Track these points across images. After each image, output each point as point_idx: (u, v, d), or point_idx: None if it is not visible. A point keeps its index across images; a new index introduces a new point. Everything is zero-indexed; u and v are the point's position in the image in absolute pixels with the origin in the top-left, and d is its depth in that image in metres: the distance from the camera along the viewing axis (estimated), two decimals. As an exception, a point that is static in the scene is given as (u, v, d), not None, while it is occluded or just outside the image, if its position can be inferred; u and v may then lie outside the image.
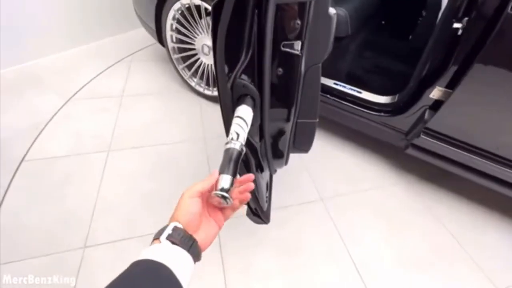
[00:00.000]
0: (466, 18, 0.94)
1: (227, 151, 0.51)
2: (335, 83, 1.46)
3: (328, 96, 1.43)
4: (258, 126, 0.65)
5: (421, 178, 1.47)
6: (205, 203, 0.47)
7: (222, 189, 0.45)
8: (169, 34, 1.73)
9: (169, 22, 1.67)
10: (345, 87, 1.44)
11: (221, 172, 0.47)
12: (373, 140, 1.48)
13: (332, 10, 0.56)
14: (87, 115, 1.70)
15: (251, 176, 0.48)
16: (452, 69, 1.02)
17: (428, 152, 1.22)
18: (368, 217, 1.29)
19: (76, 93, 1.86)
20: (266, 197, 0.91)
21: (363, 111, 1.37)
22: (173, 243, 0.39)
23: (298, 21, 0.50)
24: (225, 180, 0.46)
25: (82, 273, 1.01)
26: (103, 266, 1.04)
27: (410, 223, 1.28)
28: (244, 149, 0.50)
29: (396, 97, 1.34)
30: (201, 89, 1.85)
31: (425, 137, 1.18)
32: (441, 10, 1.33)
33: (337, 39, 1.48)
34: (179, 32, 1.70)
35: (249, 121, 0.50)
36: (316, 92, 0.67)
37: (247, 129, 0.51)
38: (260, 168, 0.77)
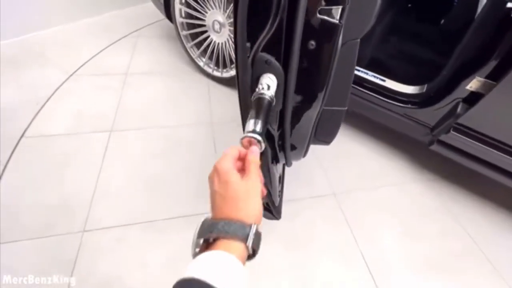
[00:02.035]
0: (525, -4, 0.80)
1: (258, 100, 0.43)
2: (356, 69, 1.33)
3: (348, 83, 1.31)
4: (278, 112, 0.55)
5: (442, 176, 1.36)
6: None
7: (254, 131, 0.37)
8: (177, 7, 1.60)
9: (178, -6, 1.54)
10: (367, 73, 1.31)
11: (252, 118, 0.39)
12: (394, 133, 1.37)
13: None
14: (90, 92, 1.62)
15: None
16: (498, 58, 0.89)
17: (456, 150, 1.11)
18: (382, 214, 1.21)
19: (79, 68, 1.77)
20: (279, 191, 0.82)
21: (385, 101, 1.25)
22: (253, 250, 0.33)
23: (342, -20, 0.39)
24: (257, 124, 0.38)
25: (80, 259, 0.97)
26: (102, 252, 0.99)
27: (427, 223, 1.20)
28: (274, 102, 0.43)
29: (425, 87, 1.21)
30: (209, 70, 1.74)
31: (455, 134, 1.07)
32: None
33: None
34: (188, 5, 1.57)
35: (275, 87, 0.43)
36: (349, 74, 0.56)
37: (275, 90, 0.45)
38: (275, 160, 0.68)
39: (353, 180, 1.32)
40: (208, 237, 0.31)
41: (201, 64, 1.76)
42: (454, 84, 1.04)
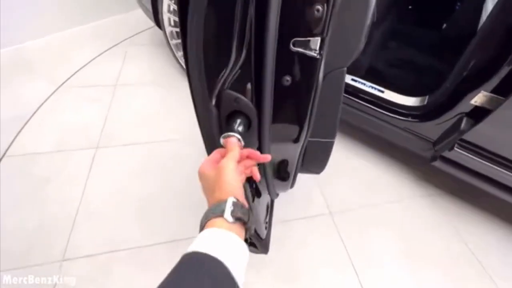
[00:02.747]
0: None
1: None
2: (352, 79, 1.26)
3: (344, 94, 1.23)
4: (256, 149, 0.49)
5: (445, 192, 1.29)
6: None
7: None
8: (166, 16, 1.54)
9: (166, 3, 1.47)
10: (364, 84, 1.24)
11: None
12: (393, 147, 1.29)
13: (369, -11, 0.37)
14: (77, 106, 1.56)
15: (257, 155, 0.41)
16: (507, 71, 0.81)
17: (461, 167, 1.04)
18: (382, 234, 1.13)
19: (66, 80, 1.72)
20: (266, 222, 0.76)
21: (384, 113, 1.17)
22: (238, 219, 0.36)
23: (319, 6, 0.32)
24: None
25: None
26: (82, 281, 0.93)
27: (430, 244, 1.12)
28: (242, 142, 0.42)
29: (426, 99, 1.14)
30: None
31: (460, 151, 0.99)
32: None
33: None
34: (177, 14, 1.50)
35: None
36: (336, 105, 0.49)
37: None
38: (257, 194, 0.62)
39: (351, 197, 1.24)
40: (202, 226, 0.37)
41: (192, 73, 1.70)
42: (458, 97, 0.97)
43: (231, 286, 0.31)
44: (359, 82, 1.25)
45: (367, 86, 1.23)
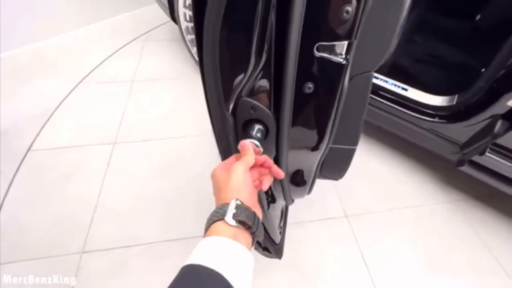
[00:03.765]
0: None
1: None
2: (374, 76, 1.19)
3: (365, 92, 1.17)
4: (273, 158, 0.46)
5: (469, 197, 1.21)
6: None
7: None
8: (182, 11, 1.52)
9: (182, -2, 1.45)
10: (387, 82, 1.17)
11: None
12: (417, 148, 1.22)
13: (405, -13, 0.33)
14: (96, 102, 1.60)
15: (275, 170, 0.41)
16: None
17: (492, 172, 0.96)
18: (400, 240, 1.09)
19: (85, 76, 1.76)
20: (280, 227, 0.74)
21: (408, 113, 1.11)
22: (240, 222, 0.34)
23: (348, 7, 0.29)
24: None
25: (78, 281, 0.95)
26: (101, 275, 0.97)
27: (453, 252, 1.06)
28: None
29: (455, 98, 1.06)
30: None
31: (493, 156, 0.91)
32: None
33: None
34: (192, 9, 1.48)
35: None
36: (361, 112, 0.46)
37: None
38: (272, 201, 0.60)
39: (369, 200, 1.20)
40: (206, 227, 0.36)
41: (207, 69, 1.68)
42: (493, 98, 0.89)
43: None
44: (380, 79, 1.18)
45: (389, 84, 1.16)
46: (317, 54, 0.32)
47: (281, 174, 0.40)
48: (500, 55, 0.86)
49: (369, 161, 1.32)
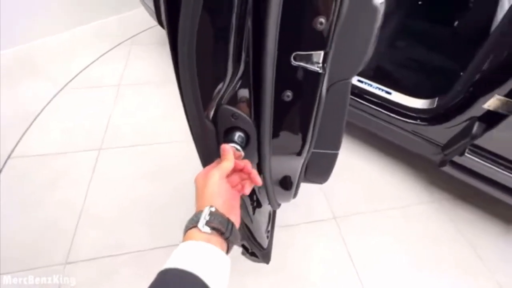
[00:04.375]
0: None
1: None
2: (358, 80, 1.22)
3: (350, 96, 1.20)
4: (256, 164, 0.47)
5: (457, 197, 1.24)
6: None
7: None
8: (168, 15, 1.51)
9: (168, 2, 1.44)
10: (371, 85, 1.20)
11: None
12: (401, 150, 1.25)
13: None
14: (80, 107, 1.56)
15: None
16: (523, 74, 0.77)
17: (472, 172, 1.00)
18: (388, 241, 1.11)
19: (70, 80, 1.72)
20: (267, 232, 0.74)
21: (391, 116, 1.14)
22: (214, 229, 0.35)
23: (322, 19, 0.30)
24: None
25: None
26: (86, 285, 0.94)
27: (439, 252, 1.09)
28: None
29: (435, 101, 1.10)
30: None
31: (472, 156, 0.95)
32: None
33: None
34: (179, 13, 1.48)
35: None
36: (341, 118, 0.47)
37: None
38: (258, 206, 0.60)
39: (355, 202, 1.22)
40: (184, 233, 0.37)
41: (195, 73, 1.68)
42: (470, 101, 0.92)
43: None
44: (365, 83, 1.21)
45: (373, 88, 1.19)
46: (294, 63, 0.33)
47: (258, 181, 0.40)
48: (475, 60, 0.90)
49: (355, 163, 1.34)
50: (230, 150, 0.39)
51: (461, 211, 1.21)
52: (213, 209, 0.36)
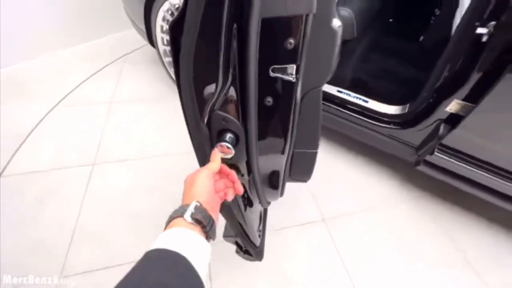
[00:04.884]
0: (493, 22, 0.80)
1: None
2: (338, 91, 1.33)
3: (331, 104, 1.31)
4: (245, 163, 0.53)
5: (434, 194, 1.34)
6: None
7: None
8: (159, 36, 1.61)
9: (159, 24, 1.54)
10: (349, 95, 1.31)
11: None
12: (381, 153, 1.35)
13: (336, 22, 0.44)
14: (73, 124, 1.60)
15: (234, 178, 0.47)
16: (475, 81, 0.89)
17: (443, 170, 1.10)
18: (375, 239, 1.17)
19: (62, 99, 1.76)
20: (259, 231, 0.79)
21: (369, 122, 1.24)
22: (197, 221, 0.39)
23: (291, 40, 0.38)
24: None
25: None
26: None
27: (423, 247, 1.16)
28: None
29: (407, 107, 1.21)
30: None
31: (440, 155, 1.05)
32: (459, 9, 1.19)
33: (342, 42, 1.34)
34: (170, 34, 1.58)
35: None
36: (316, 119, 0.55)
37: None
38: (249, 204, 0.66)
39: (343, 203, 1.29)
40: (168, 221, 0.41)
41: (186, 89, 1.76)
42: (434, 105, 1.04)
43: (193, 276, 0.33)
44: (344, 93, 1.32)
45: (352, 97, 1.30)
46: (272, 74, 0.41)
47: (240, 190, 0.46)
48: (436, 69, 1.03)
49: (341, 167, 1.43)
50: (218, 154, 0.45)
51: (440, 207, 1.29)
52: (198, 204, 0.40)
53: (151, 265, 0.33)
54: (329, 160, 1.44)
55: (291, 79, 0.42)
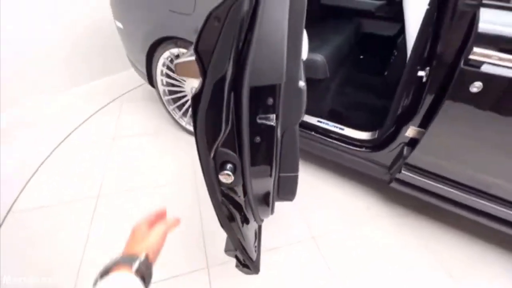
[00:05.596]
0: (428, 68, 1.04)
1: None
2: (318, 121, 1.54)
3: (313, 133, 1.50)
4: (241, 186, 0.69)
5: (413, 210, 1.48)
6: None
7: None
8: (159, 78, 1.82)
9: (159, 68, 1.76)
10: (328, 124, 1.51)
11: None
12: (362, 174, 1.52)
13: (301, 83, 0.63)
14: (78, 159, 1.71)
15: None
16: (422, 111, 1.11)
17: (411, 186, 1.27)
18: (362, 253, 1.29)
19: (67, 136, 1.89)
20: (255, 246, 0.92)
21: (347, 147, 1.43)
22: (141, 275, 0.42)
23: (271, 99, 0.56)
24: None
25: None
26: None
27: (407, 261, 1.26)
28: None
29: (376, 133, 1.41)
30: (192, 128, 1.90)
31: (406, 172, 1.23)
32: (408, 54, 1.46)
33: (318, 80, 1.58)
34: (168, 76, 1.79)
35: None
36: (294, 149, 0.72)
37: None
38: (246, 221, 0.79)
39: (330, 221, 1.42)
40: (106, 270, 0.43)
41: (183, 123, 1.94)
42: (396, 131, 1.24)
43: None
44: (324, 122, 1.52)
45: (330, 126, 1.50)
46: (259, 121, 0.58)
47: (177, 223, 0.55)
48: (395, 100, 1.25)
49: (323, 187, 1.58)
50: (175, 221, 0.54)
51: (419, 221, 1.43)
52: (146, 259, 0.44)
53: None
54: (316, 182, 1.60)
55: (272, 124, 0.59)
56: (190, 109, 1.80)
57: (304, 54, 0.72)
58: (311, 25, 2.05)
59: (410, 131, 1.18)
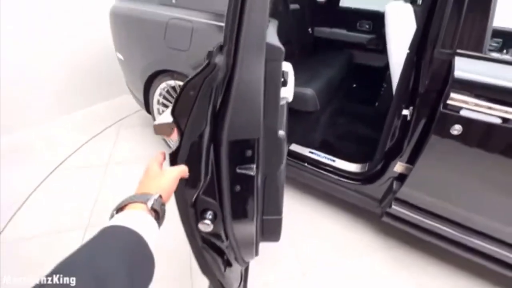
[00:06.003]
0: (411, 107, 1.08)
1: None
2: (310, 152, 1.56)
3: (306, 164, 1.51)
4: (223, 231, 0.69)
5: (406, 243, 1.46)
6: None
7: None
8: (156, 107, 1.87)
9: (156, 98, 1.82)
10: (319, 155, 1.53)
11: None
12: (353, 205, 1.52)
13: (281, 133, 0.65)
14: (70, 188, 1.71)
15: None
16: (408, 148, 1.13)
17: (402, 220, 1.26)
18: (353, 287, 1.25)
19: (60, 164, 1.90)
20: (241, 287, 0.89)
21: (337, 178, 1.44)
22: (155, 211, 0.44)
23: (249, 151, 0.58)
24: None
25: None
26: None
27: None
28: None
29: (367, 166, 1.43)
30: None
31: (396, 207, 1.23)
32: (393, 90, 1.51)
33: (309, 112, 1.62)
34: (165, 106, 1.84)
35: None
36: (277, 194, 0.73)
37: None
38: (228, 265, 0.78)
39: (322, 253, 1.39)
40: (121, 205, 0.44)
41: (177, 150, 1.96)
42: (386, 166, 1.26)
43: (144, 248, 0.38)
44: (315, 153, 1.54)
45: (321, 157, 1.52)
46: (239, 171, 0.60)
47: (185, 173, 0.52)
48: (382, 138, 1.28)
49: (315, 219, 1.56)
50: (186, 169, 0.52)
51: (410, 255, 1.41)
52: (160, 198, 0.45)
53: (104, 239, 0.36)
54: (308, 213, 1.59)
55: (252, 173, 0.61)
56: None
57: (290, 93, 0.75)
58: (304, 58, 2.15)
59: (399, 167, 1.19)
